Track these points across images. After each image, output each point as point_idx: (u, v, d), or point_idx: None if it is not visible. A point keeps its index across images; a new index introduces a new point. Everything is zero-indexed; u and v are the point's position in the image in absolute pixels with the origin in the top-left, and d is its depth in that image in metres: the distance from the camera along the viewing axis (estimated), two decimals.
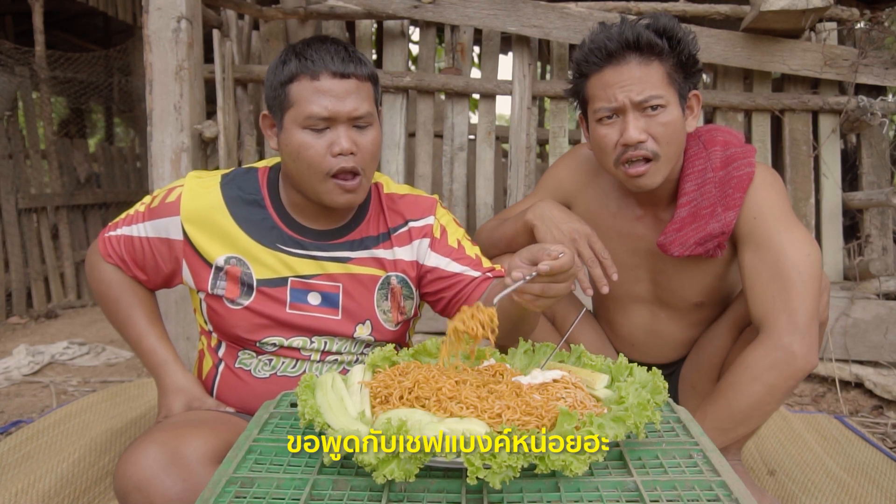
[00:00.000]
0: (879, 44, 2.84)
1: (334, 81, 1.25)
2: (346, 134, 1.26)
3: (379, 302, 1.42)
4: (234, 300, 1.36)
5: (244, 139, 3.03)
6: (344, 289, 1.39)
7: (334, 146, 1.26)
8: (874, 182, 2.94)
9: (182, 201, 1.36)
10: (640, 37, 1.36)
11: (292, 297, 1.37)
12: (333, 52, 1.26)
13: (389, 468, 0.79)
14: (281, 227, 1.38)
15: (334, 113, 1.25)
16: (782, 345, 1.35)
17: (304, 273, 1.37)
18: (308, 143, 1.26)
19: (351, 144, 1.26)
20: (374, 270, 1.42)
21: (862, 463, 1.92)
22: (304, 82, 1.25)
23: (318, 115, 1.24)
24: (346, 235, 1.41)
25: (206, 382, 1.46)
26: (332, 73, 1.25)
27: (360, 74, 1.28)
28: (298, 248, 1.37)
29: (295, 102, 1.26)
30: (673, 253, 1.49)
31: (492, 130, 3.08)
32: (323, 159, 1.26)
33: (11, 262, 4.10)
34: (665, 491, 0.84)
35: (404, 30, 3.07)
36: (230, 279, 1.36)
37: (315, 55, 1.25)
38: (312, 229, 1.39)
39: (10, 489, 1.68)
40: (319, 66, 1.25)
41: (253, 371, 1.41)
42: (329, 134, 1.26)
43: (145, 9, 2.57)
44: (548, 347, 1.19)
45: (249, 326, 1.37)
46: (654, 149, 1.39)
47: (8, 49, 4.55)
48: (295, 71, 1.26)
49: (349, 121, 1.27)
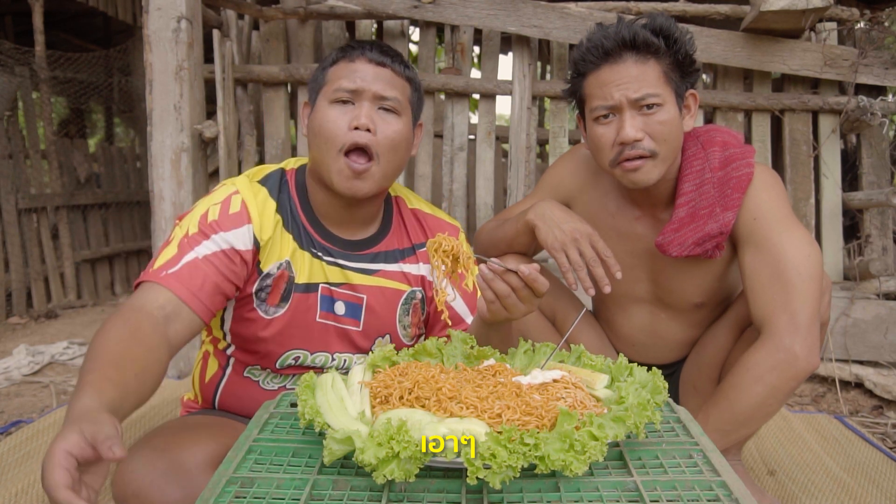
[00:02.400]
0: (879, 44, 2.84)
1: (369, 65, 1.31)
2: (367, 111, 1.29)
3: (401, 317, 1.42)
4: (270, 309, 1.32)
5: (244, 139, 3.03)
6: (368, 301, 1.38)
7: (353, 120, 1.28)
8: (874, 182, 2.94)
9: (250, 208, 1.29)
10: (636, 36, 1.37)
11: (322, 304, 1.35)
12: (377, 47, 1.34)
13: (389, 468, 0.79)
14: (311, 231, 1.36)
15: (360, 87, 1.29)
16: (784, 346, 1.35)
17: (333, 281, 1.36)
18: (331, 116, 1.29)
19: (369, 121, 1.28)
20: (400, 285, 1.41)
21: (862, 463, 1.92)
22: (342, 64, 1.32)
23: (346, 88, 1.29)
24: (373, 247, 1.40)
25: (208, 386, 1.44)
26: (368, 59, 1.31)
27: (397, 69, 1.33)
28: (327, 255, 1.36)
29: (329, 81, 1.32)
30: (671, 253, 1.49)
31: (492, 130, 3.08)
32: (340, 132, 1.28)
33: (11, 262, 4.10)
34: (665, 491, 0.83)
35: (404, 30, 3.07)
36: (276, 286, 1.32)
37: (357, 44, 1.33)
38: (340, 238, 1.38)
39: (10, 489, 1.68)
40: (358, 53, 1.32)
41: (261, 383, 1.39)
42: (353, 111, 1.29)
43: (145, 9, 2.57)
44: (548, 347, 1.19)
45: (279, 339, 1.34)
46: (652, 146, 1.39)
47: (8, 49, 4.54)
48: (336, 57, 1.34)
49: (374, 99, 1.30)
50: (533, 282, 1.13)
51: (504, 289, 1.14)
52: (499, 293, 1.14)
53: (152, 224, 2.65)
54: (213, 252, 1.23)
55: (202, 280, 1.19)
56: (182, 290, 1.16)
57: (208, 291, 1.20)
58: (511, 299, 1.15)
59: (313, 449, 0.95)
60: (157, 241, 2.64)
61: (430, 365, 1.08)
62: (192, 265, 1.19)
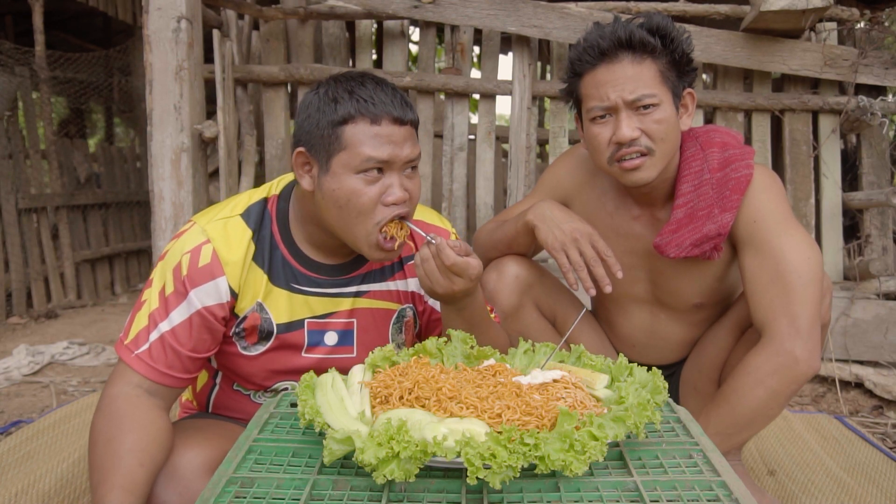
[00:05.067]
0: (879, 44, 2.84)
1: (394, 127, 1.18)
2: (399, 182, 1.20)
3: (394, 335, 1.39)
4: (250, 346, 1.29)
5: (244, 139, 3.03)
6: (358, 324, 1.34)
7: (387, 195, 1.19)
8: (874, 182, 2.94)
9: (222, 258, 1.22)
10: (632, 35, 1.37)
11: (309, 339, 1.31)
12: (391, 95, 1.19)
13: (389, 468, 0.79)
14: (293, 264, 1.29)
15: (393, 156, 1.17)
16: (784, 350, 1.35)
17: (320, 312, 1.31)
18: (361, 191, 1.17)
19: (404, 193, 1.20)
20: (389, 304, 1.38)
21: (862, 463, 1.91)
22: (363, 126, 1.16)
23: (378, 158, 1.16)
24: (360, 268, 1.35)
25: (200, 395, 1.43)
26: (392, 118, 1.17)
27: (414, 120, 1.23)
28: (312, 287, 1.30)
29: (349, 145, 1.16)
30: (669, 254, 1.49)
31: (492, 130, 3.08)
32: (375, 208, 1.18)
33: (11, 262, 4.10)
34: (665, 491, 0.83)
35: (404, 30, 3.07)
36: (249, 327, 1.27)
37: (374, 97, 1.17)
38: (325, 265, 1.32)
39: (10, 489, 1.68)
40: (381, 110, 1.17)
41: (252, 397, 1.38)
42: (383, 181, 1.19)
43: (145, 9, 2.57)
44: (548, 347, 1.19)
45: (264, 374, 1.32)
46: (649, 144, 1.39)
47: (8, 49, 4.55)
48: (353, 113, 1.16)
49: (404, 166, 1.20)
50: (440, 252, 1.18)
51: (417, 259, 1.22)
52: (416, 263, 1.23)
53: (152, 224, 2.65)
54: (185, 319, 1.20)
55: (173, 356, 1.19)
56: (152, 373, 1.17)
57: (183, 363, 1.20)
58: (421, 269, 1.21)
59: (313, 449, 0.95)
60: (157, 241, 2.64)
61: (430, 365, 1.08)
62: (160, 343, 1.18)
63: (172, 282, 1.21)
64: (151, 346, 1.18)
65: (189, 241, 1.23)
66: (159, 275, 1.24)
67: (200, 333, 1.21)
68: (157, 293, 1.22)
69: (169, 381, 1.19)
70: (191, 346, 1.20)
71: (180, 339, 1.19)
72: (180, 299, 1.20)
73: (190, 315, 1.20)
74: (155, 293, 1.22)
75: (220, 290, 1.22)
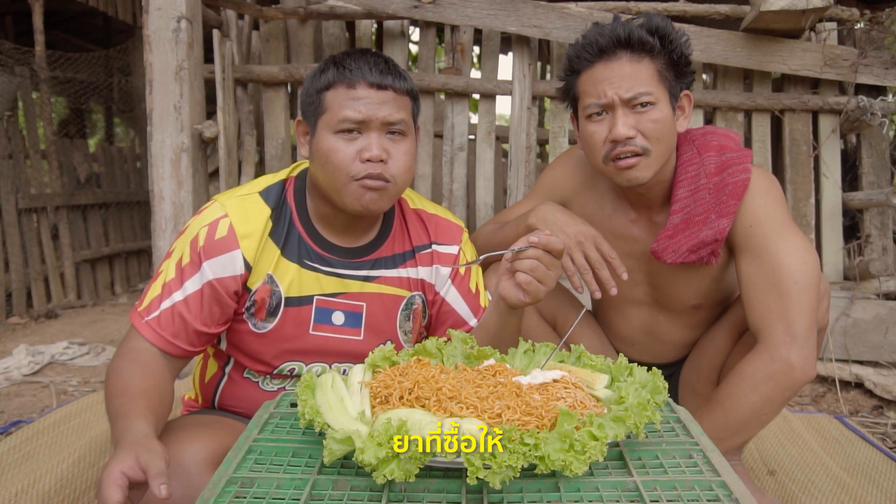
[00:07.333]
0: (879, 44, 2.84)
1: (370, 90, 1.24)
2: (377, 141, 1.24)
3: (402, 322, 1.41)
4: (259, 323, 1.31)
5: (244, 139, 3.03)
6: (367, 309, 1.36)
7: (364, 152, 1.23)
8: (874, 182, 2.94)
9: (238, 232, 1.27)
10: (631, 34, 1.37)
11: (317, 316, 1.33)
12: (373, 63, 1.25)
13: (389, 468, 0.79)
14: (308, 241, 1.34)
15: (368, 116, 1.23)
16: (779, 357, 1.35)
17: (329, 291, 1.34)
18: (338, 147, 1.24)
19: (381, 151, 1.23)
20: (399, 290, 1.40)
21: (862, 463, 1.92)
22: (341, 90, 1.24)
23: (352, 119, 1.23)
24: (372, 253, 1.38)
25: (208, 386, 1.44)
26: (369, 83, 1.24)
27: (398, 88, 1.26)
28: (324, 265, 1.33)
29: (329, 108, 1.25)
30: (666, 260, 1.49)
31: (492, 130, 3.08)
32: (351, 163, 1.24)
33: (11, 262, 4.10)
34: (665, 491, 0.83)
35: (404, 30, 3.07)
36: (259, 300, 1.30)
37: (354, 65, 1.25)
38: (338, 246, 1.35)
39: (10, 489, 1.68)
40: (357, 76, 1.24)
41: (261, 384, 1.39)
42: (360, 140, 1.24)
43: (145, 9, 2.57)
44: (548, 347, 1.19)
45: (273, 352, 1.34)
46: (644, 144, 1.38)
47: (8, 49, 4.55)
48: (332, 79, 1.25)
49: (382, 126, 1.25)
50: (547, 244, 1.20)
51: (531, 264, 1.21)
52: (528, 270, 1.21)
53: (152, 224, 2.65)
54: (197, 289, 1.25)
55: (180, 325, 1.24)
56: (158, 339, 1.23)
57: (188, 335, 1.25)
58: (540, 270, 1.21)
59: (313, 449, 0.95)
60: (158, 241, 2.64)
61: (430, 365, 1.08)
62: (170, 311, 1.24)
63: (189, 253, 1.27)
64: (161, 313, 1.23)
65: (208, 215, 1.29)
66: (179, 247, 1.29)
67: (211, 306, 1.26)
68: (175, 264, 1.27)
69: (173, 349, 1.24)
70: (201, 318, 1.25)
71: (191, 309, 1.24)
72: (195, 270, 1.25)
73: (202, 286, 1.25)
74: (172, 264, 1.28)
75: (235, 262, 1.27)
